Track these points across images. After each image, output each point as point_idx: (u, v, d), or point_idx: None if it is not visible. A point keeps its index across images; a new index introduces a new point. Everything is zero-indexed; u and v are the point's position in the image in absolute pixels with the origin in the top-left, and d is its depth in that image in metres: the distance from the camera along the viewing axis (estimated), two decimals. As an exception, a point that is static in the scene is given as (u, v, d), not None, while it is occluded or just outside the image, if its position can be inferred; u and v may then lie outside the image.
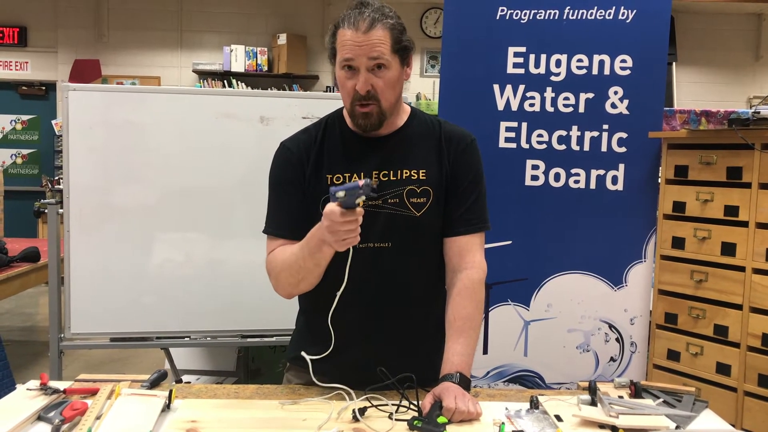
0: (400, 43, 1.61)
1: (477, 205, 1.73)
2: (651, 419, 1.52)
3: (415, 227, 1.66)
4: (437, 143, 1.72)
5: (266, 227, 1.73)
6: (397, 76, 1.62)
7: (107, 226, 2.83)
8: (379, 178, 1.61)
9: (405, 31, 1.63)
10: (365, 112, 1.61)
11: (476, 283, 1.70)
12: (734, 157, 2.51)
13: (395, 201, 1.66)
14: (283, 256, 1.65)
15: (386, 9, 1.60)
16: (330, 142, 1.72)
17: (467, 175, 1.72)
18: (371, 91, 1.59)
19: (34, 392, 1.58)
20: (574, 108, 2.80)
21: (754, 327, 2.47)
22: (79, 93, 2.80)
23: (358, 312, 1.67)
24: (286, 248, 1.66)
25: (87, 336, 2.90)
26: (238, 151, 2.88)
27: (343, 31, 1.58)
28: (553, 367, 2.87)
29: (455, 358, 1.61)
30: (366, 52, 1.56)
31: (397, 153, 1.69)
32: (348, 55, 1.57)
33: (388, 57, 1.58)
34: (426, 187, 1.67)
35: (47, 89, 8.25)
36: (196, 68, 7.84)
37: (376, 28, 1.56)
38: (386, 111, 1.63)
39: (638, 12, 2.75)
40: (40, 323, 5.96)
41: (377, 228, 1.64)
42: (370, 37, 1.55)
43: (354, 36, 1.56)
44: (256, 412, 1.57)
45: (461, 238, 1.71)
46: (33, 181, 8.20)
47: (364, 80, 1.58)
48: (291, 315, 1.87)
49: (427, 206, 1.67)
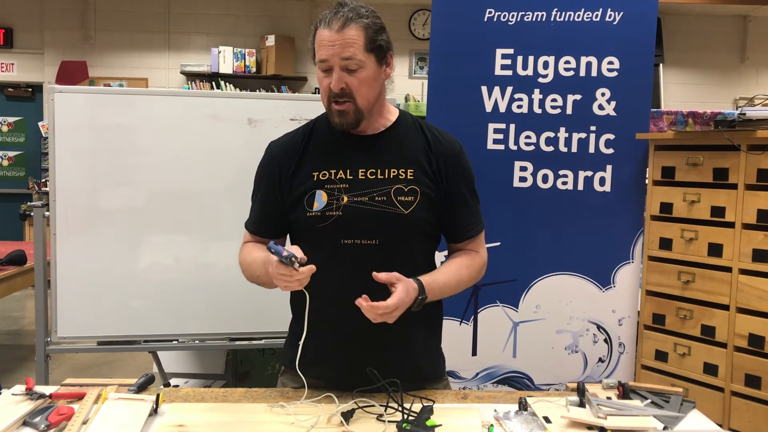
0: (375, 42, 1.62)
1: (475, 211, 1.79)
2: (639, 420, 1.53)
3: (402, 225, 1.66)
4: (425, 145, 1.73)
5: (247, 220, 1.82)
6: (372, 75, 1.63)
7: (94, 228, 2.80)
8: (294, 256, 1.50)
9: (382, 31, 1.64)
10: (340, 110, 1.63)
11: (479, 258, 1.79)
12: (720, 159, 2.53)
13: (383, 199, 1.66)
14: (249, 257, 1.72)
15: (362, 9, 1.62)
16: (317, 140, 1.74)
17: (465, 184, 1.75)
18: (345, 89, 1.61)
19: (20, 397, 1.57)
20: (561, 109, 2.80)
21: (740, 327, 2.48)
22: (66, 95, 2.77)
23: (346, 310, 1.67)
24: (255, 248, 1.72)
25: (74, 339, 2.87)
26: (226, 153, 2.86)
27: (320, 31, 1.61)
28: (542, 368, 2.88)
29: (428, 277, 1.63)
30: (338, 52, 1.58)
31: (385, 152, 1.70)
32: (323, 56, 1.60)
33: (361, 56, 1.59)
34: (413, 186, 1.68)
35: (34, 91, 8.20)
36: (184, 70, 7.81)
37: (349, 27, 1.58)
38: (363, 109, 1.64)
39: (625, 14, 2.76)
40: (27, 327, 5.92)
41: (364, 225, 1.65)
42: (343, 36, 1.58)
43: (328, 35, 1.59)
44: (244, 416, 1.56)
45: (466, 244, 1.79)
46: (19, 183, 8.14)
47: (338, 78, 1.60)
48: (280, 318, 1.87)
49: (415, 204, 1.67)
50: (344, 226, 1.64)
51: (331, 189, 1.66)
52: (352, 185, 1.66)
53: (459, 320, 2.88)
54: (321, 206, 1.65)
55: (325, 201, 1.66)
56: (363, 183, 1.66)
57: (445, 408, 1.61)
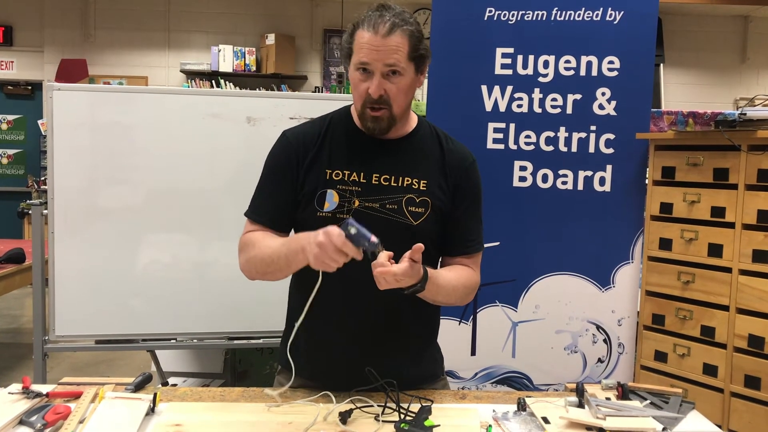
0: (417, 51, 1.59)
1: (477, 228, 1.75)
2: (638, 421, 1.52)
3: (411, 235, 1.62)
4: (440, 157, 1.71)
5: (249, 210, 1.72)
6: (410, 83, 1.61)
7: (93, 227, 2.80)
8: (380, 245, 1.45)
9: (423, 39, 1.61)
10: (376, 116, 1.60)
11: (475, 277, 1.74)
12: (721, 159, 2.52)
13: (393, 207, 1.64)
14: (261, 242, 1.63)
15: (406, 14, 1.59)
16: (334, 138, 1.70)
17: (469, 198, 1.72)
18: (384, 95, 1.58)
19: (16, 396, 1.56)
20: (561, 109, 2.80)
21: (740, 328, 2.47)
22: (65, 93, 2.77)
23: (348, 315, 1.67)
24: (266, 236, 1.65)
25: (72, 338, 2.87)
26: (226, 151, 2.86)
27: (361, 32, 1.56)
28: (541, 368, 2.87)
29: (433, 272, 1.58)
30: (383, 58, 1.54)
31: (401, 160, 1.68)
32: (364, 59, 1.56)
33: (404, 64, 1.57)
34: (425, 198, 1.66)
35: (33, 89, 8.19)
36: (183, 68, 7.81)
37: (395, 33, 1.54)
38: (396, 116, 1.62)
39: (626, 13, 2.75)
40: (25, 325, 5.91)
41: (372, 232, 1.63)
42: (388, 43, 1.54)
43: (372, 39, 1.54)
44: (241, 415, 1.56)
45: (461, 259, 1.74)
46: (19, 181, 8.13)
47: (378, 85, 1.56)
48: (278, 317, 1.86)
49: (425, 216, 1.66)
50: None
51: (343, 190, 1.64)
52: (365, 189, 1.64)
53: (458, 320, 2.88)
54: (332, 207, 1.63)
55: (337, 202, 1.63)
56: (376, 188, 1.64)
57: (443, 408, 1.61)
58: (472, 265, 1.75)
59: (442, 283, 1.61)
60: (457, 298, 1.69)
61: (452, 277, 1.66)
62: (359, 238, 1.39)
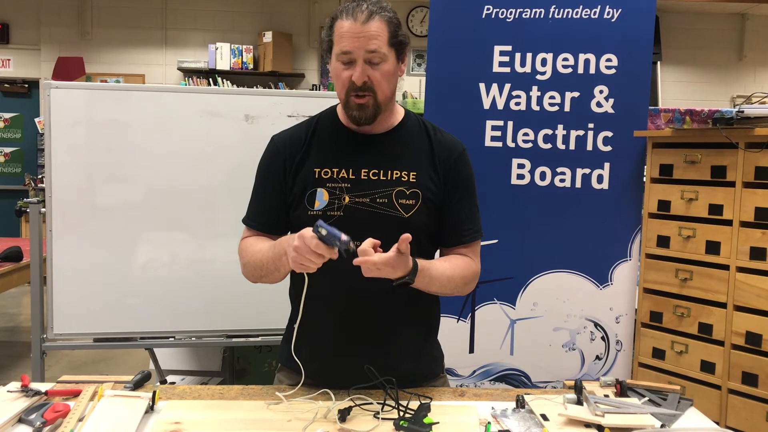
0: (397, 37, 1.61)
1: (472, 216, 1.74)
2: (636, 418, 1.52)
3: (403, 228, 1.63)
4: (429, 148, 1.71)
5: (245, 216, 1.76)
6: (392, 69, 1.62)
7: (90, 225, 2.79)
8: (352, 242, 1.46)
9: (401, 26, 1.63)
10: (360, 104, 1.61)
11: (474, 266, 1.72)
12: (718, 156, 2.53)
13: (384, 201, 1.65)
14: (253, 248, 1.67)
15: (384, 2, 1.61)
16: (321, 136, 1.71)
17: (461, 187, 1.72)
18: (367, 82, 1.59)
19: (15, 394, 1.56)
20: (559, 107, 2.80)
21: (738, 325, 2.48)
22: (62, 91, 2.76)
23: (344, 310, 1.67)
24: (258, 240, 1.69)
25: (70, 336, 2.86)
26: (223, 149, 2.85)
27: (341, 22, 1.58)
28: (539, 365, 2.88)
29: (425, 263, 1.58)
30: (364, 44, 1.56)
31: (388, 153, 1.69)
32: (346, 47, 1.57)
33: (385, 50, 1.58)
34: (415, 190, 1.66)
35: (30, 87, 8.17)
36: (181, 66, 7.79)
37: (374, 20, 1.56)
38: (381, 104, 1.63)
39: (623, 11, 2.75)
40: (23, 324, 5.91)
41: (365, 227, 1.63)
42: (368, 29, 1.56)
43: (352, 27, 1.56)
44: (240, 413, 1.56)
45: (458, 249, 1.73)
46: (16, 179, 8.11)
47: (361, 71, 1.57)
48: (277, 315, 1.86)
49: (416, 208, 1.66)
50: (344, 226, 1.62)
51: (332, 188, 1.65)
52: (354, 185, 1.65)
53: (456, 318, 2.88)
54: (322, 205, 1.64)
55: (327, 200, 1.64)
56: (365, 183, 1.65)
57: (442, 405, 1.61)
58: (470, 254, 1.74)
59: (434, 275, 1.61)
60: (454, 288, 1.68)
61: (447, 268, 1.66)
62: (330, 239, 1.42)
